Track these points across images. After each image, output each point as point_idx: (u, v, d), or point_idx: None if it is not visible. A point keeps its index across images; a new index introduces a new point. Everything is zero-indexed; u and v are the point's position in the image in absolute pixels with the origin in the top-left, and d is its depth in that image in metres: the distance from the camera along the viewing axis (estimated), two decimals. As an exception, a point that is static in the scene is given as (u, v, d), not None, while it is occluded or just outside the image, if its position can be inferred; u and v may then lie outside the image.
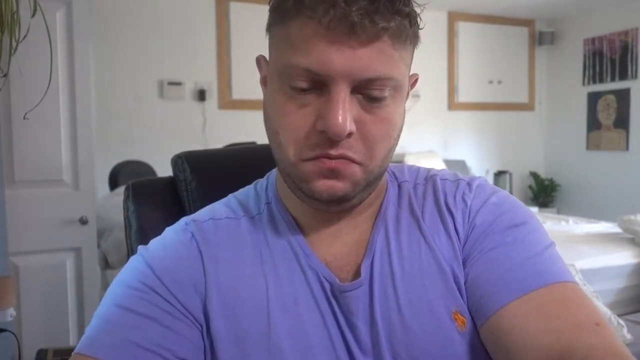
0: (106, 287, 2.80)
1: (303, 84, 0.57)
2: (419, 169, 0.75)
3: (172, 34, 3.85)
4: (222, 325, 0.61)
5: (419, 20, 0.61)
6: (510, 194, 0.71)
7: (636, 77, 4.64)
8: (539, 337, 0.55)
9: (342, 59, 0.55)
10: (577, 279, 2.49)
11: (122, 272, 0.65)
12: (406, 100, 0.64)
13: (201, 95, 3.94)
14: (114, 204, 2.79)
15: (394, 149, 0.63)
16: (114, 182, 3.39)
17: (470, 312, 0.63)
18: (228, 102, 4.07)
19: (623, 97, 4.74)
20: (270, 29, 0.62)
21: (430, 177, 0.72)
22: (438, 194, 0.69)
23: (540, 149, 5.48)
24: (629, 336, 2.19)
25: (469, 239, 0.65)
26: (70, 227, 2.21)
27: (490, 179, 4.97)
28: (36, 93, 1.81)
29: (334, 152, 0.57)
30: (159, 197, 0.95)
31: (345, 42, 0.55)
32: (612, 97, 4.83)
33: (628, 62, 4.68)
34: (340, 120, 0.55)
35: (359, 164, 0.59)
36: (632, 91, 4.67)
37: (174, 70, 3.87)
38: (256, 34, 4.90)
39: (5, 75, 1.62)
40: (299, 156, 0.59)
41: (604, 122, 4.91)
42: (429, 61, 4.62)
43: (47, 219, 2.17)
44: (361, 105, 0.58)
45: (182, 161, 0.95)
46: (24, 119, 1.73)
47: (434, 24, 4.72)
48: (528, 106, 5.37)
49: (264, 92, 0.65)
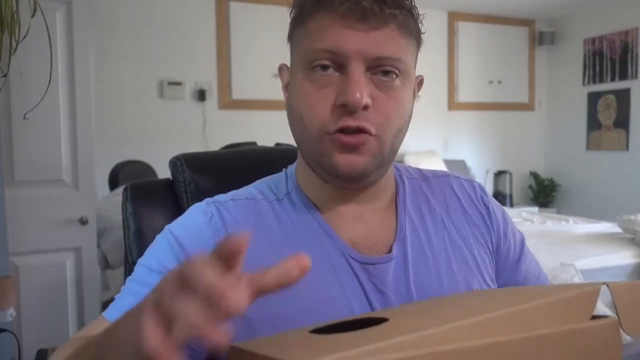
0: (106, 287, 2.80)
1: (324, 62, 0.65)
2: (419, 168, 0.84)
3: (172, 34, 3.85)
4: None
5: (420, 19, 0.70)
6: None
7: (636, 77, 4.63)
8: None
9: (356, 40, 0.64)
10: (577, 279, 2.48)
11: (149, 249, 0.70)
12: (414, 99, 0.72)
13: (201, 95, 3.93)
14: (114, 204, 2.79)
15: (404, 134, 0.70)
16: (114, 182, 3.39)
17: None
18: (228, 102, 4.07)
19: (623, 97, 4.74)
20: (291, 36, 0.71)
21: (438, 174, 0.82)
22: (456, 188, 0.80)
23: (540, 149, 5.47)
24: (628, 336, 2.19)
25: (494, 233, 0.79)
26: (70, 227, 2.21)
27: (490, 179, 4.97)
28: (36, 93, 1.81)
29: (352, 122, 0.64)
30: (157, 199, 0.95)
31: (358, 27, 0.64)
32: (612, 97, 4.83)
33: (628, 62, 4.67)
34: (358, 92, 0.63)
35: (375, 135, 0.66)
36: (632, 91, 4.67)
37: (174, 70, 3.87)
38: (256, 34, 4.89)
39: (5, 75, 1.62)
40: (322, 130, 0.66)
41: (604, 122, 4.91)
42: (429, 61, 4.62)
43: (47, 219, 2.17)
44: (375, 84, 0.66)
45: (181, 163, 0.96)
46: (24, 118, 1.74)
47: (434, 24, 4.72)
48: (528, 106, 5.37)
49: (285, 97, 0.73)
